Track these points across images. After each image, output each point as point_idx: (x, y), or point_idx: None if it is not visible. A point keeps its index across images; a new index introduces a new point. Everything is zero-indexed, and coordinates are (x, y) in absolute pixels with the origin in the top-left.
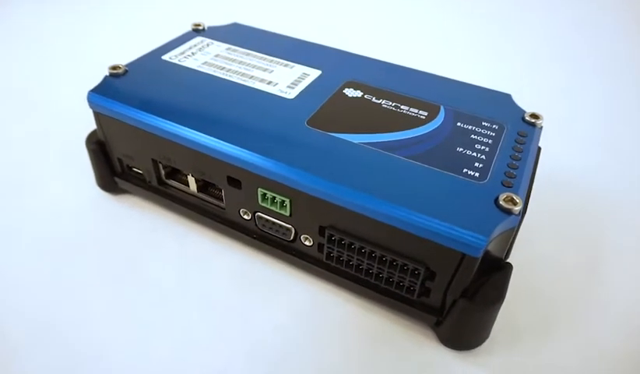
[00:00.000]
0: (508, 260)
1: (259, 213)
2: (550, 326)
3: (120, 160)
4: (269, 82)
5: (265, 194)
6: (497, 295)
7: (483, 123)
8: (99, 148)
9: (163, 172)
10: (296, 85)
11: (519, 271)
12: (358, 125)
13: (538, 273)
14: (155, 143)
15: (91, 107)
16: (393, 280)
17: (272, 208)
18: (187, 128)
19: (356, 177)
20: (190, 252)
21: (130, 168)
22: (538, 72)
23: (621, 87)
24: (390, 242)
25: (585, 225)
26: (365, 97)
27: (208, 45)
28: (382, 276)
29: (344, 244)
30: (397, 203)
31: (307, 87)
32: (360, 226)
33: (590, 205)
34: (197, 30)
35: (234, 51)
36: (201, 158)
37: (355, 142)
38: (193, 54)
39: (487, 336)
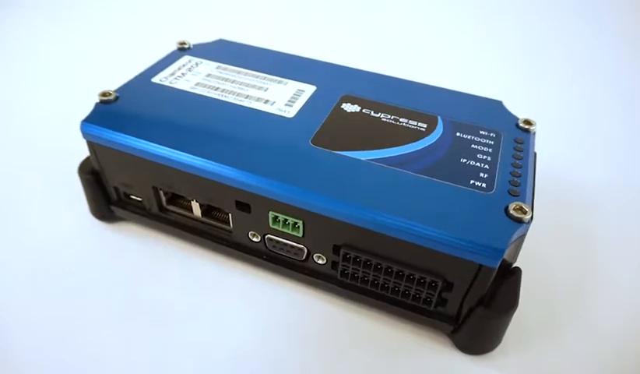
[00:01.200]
0: (515, 264)
1: (270, 236)
2: (556, 324)
3: (116, 189)
4: (266, 101)
5: (276, 217)
6: (512, 301)
7: (480, 132)
8: (93, 177)
9: (164, 199)
10: (293, 102)
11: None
12: (362, 141)
13: (538, 273)
14: (156, 171)
15: (85, 137)
16: (410, 293)
17: (284, 230)
18: (191, 155)
19: (369, 195)
20: (196, 276)
21: (127, 196)
22: (518, 77)
23: (602, 89)
24: (407, 257)
25: (580, 223)
26: (363, 111)
27: (197, 64)
28: (399, 290)
29: (360, 261)
30: (413, 219)
31: (304, 104)
32: (375, 243)
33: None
34: (183, 49)
35: (225, 69)
36: (207, 184)
37: (362, 159)
38: (183, 74)
39: (501, 340)
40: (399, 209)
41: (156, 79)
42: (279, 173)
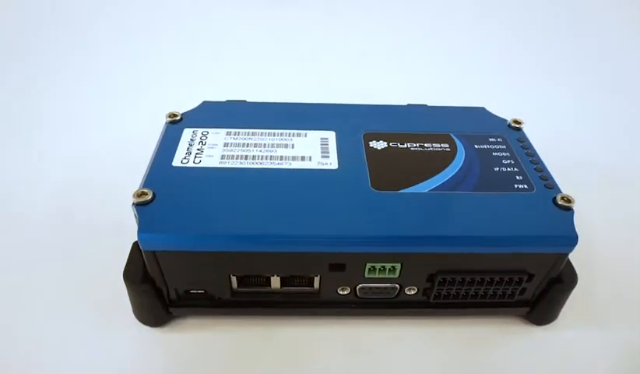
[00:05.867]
0: None
1: (361, 285)
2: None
3: (175, 289)
4: (302, 158)
5: (373, 267)
6: (573, 276)
7: (489, 139)
8: (151, 286)
9: (235, 283)
10: (327, 153)
11: None
12: (413, 175)
13: None
14: (231, 259)
15: (145, 247)
16: (497, 293)
17: (380, 276)
18: (276, 234)
19: (454, 222)
20: (284, 349)
21: (187, 292)
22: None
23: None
24: (494, 265)
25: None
26: (391, 145)
27: (206, 136)
28: (486, 294)
29: (454, 281)
30: (496, 232)
31: (338, 152)
32: (467, 262)
33: None
34: (175, 122)
35: (237, 134)
36: (294, 258)
37: (425, 191)
38: (200, 150)
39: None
40: (481, 227)
41: (176, 163)
42: (372, 227)
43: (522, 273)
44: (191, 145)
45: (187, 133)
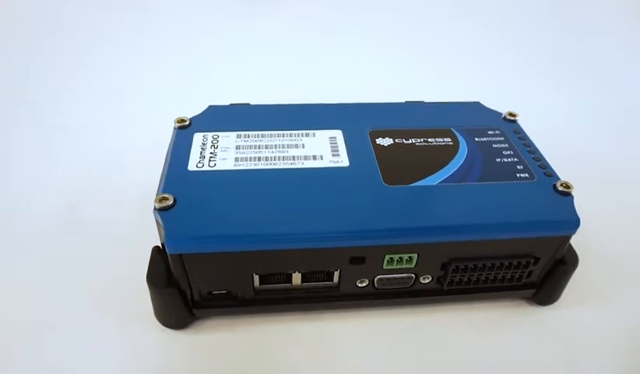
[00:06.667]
0: None
1: (380, 276)
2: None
3: (199, 291)
4: (314, 157)
5: (391, 258)
6: (575, 257)
7: (488, 132)
8: (177, 290)
9: (257, 281)
10: (337, 151)
11: None
12: (420, 169)
13: None
14: (255, 258)
15: (172, 251)
16: (506, 278)
17: (398, 267)
18: (300, 232)
19: (466, 212)
20: (305, 343)
21: (210, 293)
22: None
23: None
24: (504, 251)
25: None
26: (397, 141)
27: (216, 140)
28: (496, 279)
29: (467, 268)
30: (506, 219)
31: (347, 150)
32: (479, 249)
33: None
34: (184, 127)
35: (247, 136)
36: (316, 254)
37: (434, 184)
38: (214, 154)
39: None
40: (491, 215)
41: (192, 167)
42: (391, 220)
43: (529, 257)
44: (203, 149)
45: (197, 138)
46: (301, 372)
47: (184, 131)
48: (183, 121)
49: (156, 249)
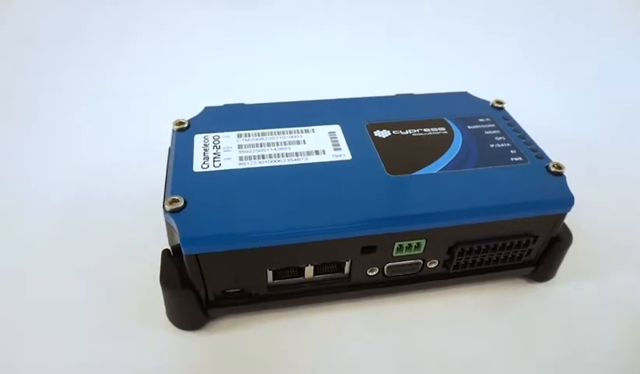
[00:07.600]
0: None
1: (389, 264)
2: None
3: (213, 291)
4: (317, 152)
5: (401, 245)
6: (569, 233)
7: (479, 120)
8: (192, 291)
9: (270, 277)
10: (338, 145)
11: None
12: (421, 158)
13: None
14: (269, 255)
15: (187, 252)
16: (507, 257)
17: (407, 253)
18: (314, 226)
19: (468, 197)
20: (317, 335)
21: (224, 292)
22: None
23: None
24: (505, 231)
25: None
26: (394, 133)
27: (218, 140)
28: (499, 258)
29: (472, 250)
30: (506, 201)
31: (348, 144)
32: (482, 231)
33: None
34: (182, 129)
35: (247, 135)
36: (329, 246)
37: (435, 172)
38: (217, 154)
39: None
40: (492, 197)
41: (197, 168)
42: (399, 208)
43: (529, 236)
44: (206, 150)
45: (198, 139)
46: (315, 362)
47: (184, 133)
48: (181, 123)
49: (166, 252)
